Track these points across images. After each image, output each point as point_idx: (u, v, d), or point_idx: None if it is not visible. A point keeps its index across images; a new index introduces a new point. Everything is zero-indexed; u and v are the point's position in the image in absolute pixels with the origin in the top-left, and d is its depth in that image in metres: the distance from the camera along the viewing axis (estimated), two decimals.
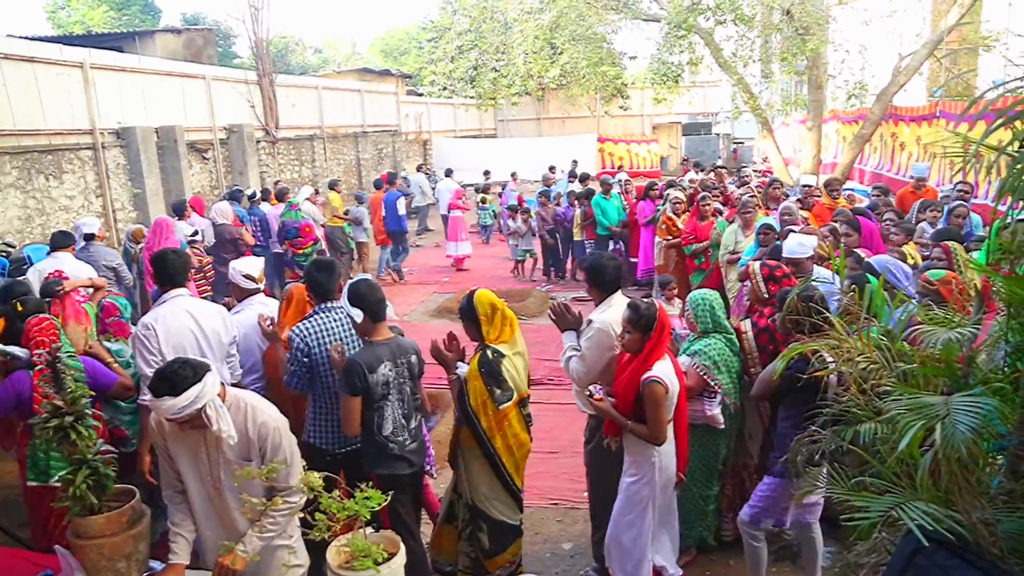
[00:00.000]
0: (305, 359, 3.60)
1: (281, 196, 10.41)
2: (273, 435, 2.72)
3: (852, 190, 12.57)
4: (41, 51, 10.07)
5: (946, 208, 6.42)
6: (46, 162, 9.87)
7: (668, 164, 27.78)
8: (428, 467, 4.07)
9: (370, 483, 2.59)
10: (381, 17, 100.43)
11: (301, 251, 9.23)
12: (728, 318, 4.07)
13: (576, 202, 11.01)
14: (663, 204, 9.13)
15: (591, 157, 25.75)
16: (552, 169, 16.82)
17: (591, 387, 3.54)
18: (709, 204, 7.96)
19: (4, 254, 7.02)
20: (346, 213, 11.68)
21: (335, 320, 3.73)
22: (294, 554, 2.86)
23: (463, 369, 3.60)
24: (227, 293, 7.56)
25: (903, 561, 1.83)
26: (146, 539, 2.65)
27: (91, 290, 5.03)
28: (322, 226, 10.35)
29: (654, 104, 22.10)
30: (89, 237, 6.63)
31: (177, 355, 3.41)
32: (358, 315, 3.45)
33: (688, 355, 3.89)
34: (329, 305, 3.77)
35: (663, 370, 3.32)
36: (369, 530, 2.51)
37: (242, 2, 15.76)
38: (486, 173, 17.13)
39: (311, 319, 3.72)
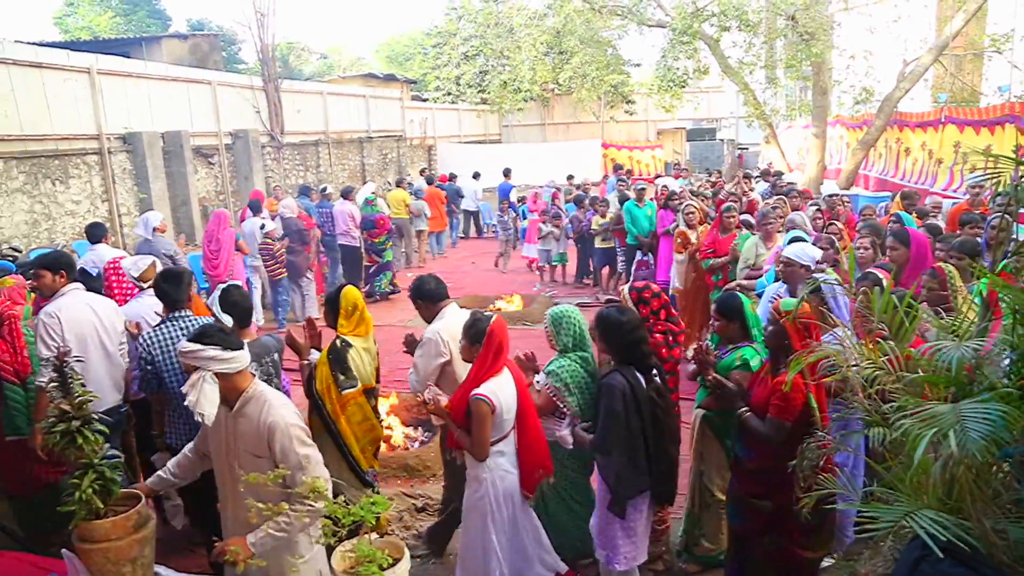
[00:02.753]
0: (149, 367, 3.79)
1: (345, 194, 11.65)
2: (280, 437, 2.72)
3: (856, 195, 12.57)
4: (48, 57, 10.13)
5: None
6: (53, 167, 9.92)
7: (671, 170, 27.78)
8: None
9: None
10: (386, 23, 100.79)
11: (377, 239, 11.08)
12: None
13: (594, 208, 11.04)
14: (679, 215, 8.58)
15: (596, 163, 25.76)
16: (570, 178, 16.95)
17: (426, 392, 3.54)
18: (734, 215, 7.26)
19: (11, 258, 7.06)
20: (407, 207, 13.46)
21: (182, 328, 3.88)
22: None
23: (315, 356, 3.87)
24: (297, 277, 9.57)
25: (908, 569, 1.82)
26: (151, 543, 2.65)
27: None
28: (389, 217, 12.03)
29: (659, 110, 22.14)
30: (153, 231, 7.52)
31: (79, 342, 3.93)
32: (227, 320, 3.70)
33: (544, 373, 3.86)
34: (177, 314, 3.95)
35: (493, 387, 3.29)
36: (374, 535, 2.51)
37: (248, 8, 15.82)
38: (507, 173, 17.13)
39: (157, 328, 3.91)
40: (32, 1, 62.89)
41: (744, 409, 3.27)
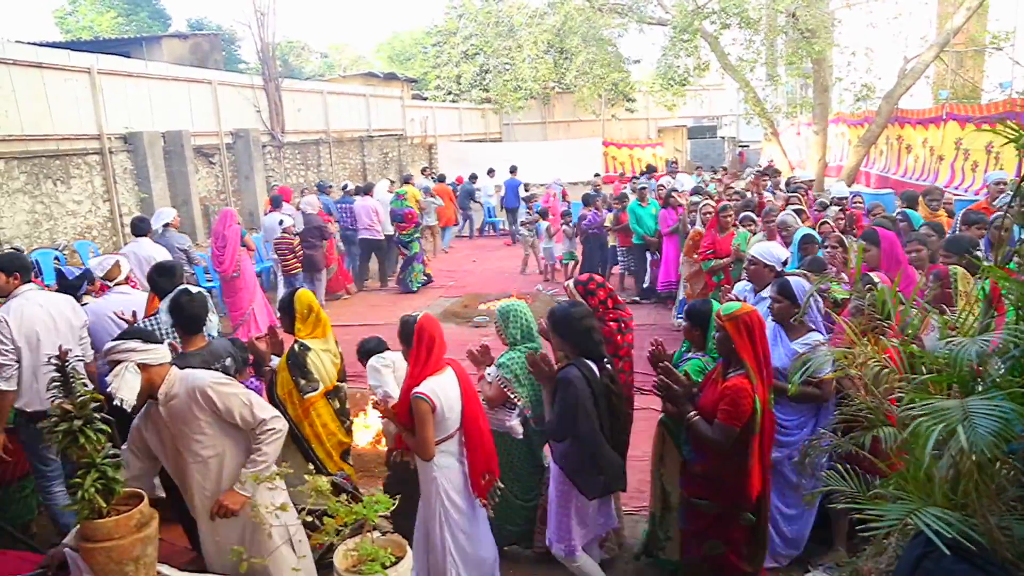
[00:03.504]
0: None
1: (367, 191, 12.28)
2: (211, 393, 2.91)
3: (859, 192, 12.54)
4: (49, 57, 10.13)
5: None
6: (54, 167, 9.92)
7: (671, 167, 27.73)
8: None
9: None
10: (387, 22, 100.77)
11: (405, 232, 11.51)
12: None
13: (608, 206, 11.01)
14: (688, 214, 8.53)
15: (596, 161, 25.73)
16: (597, 175, 16.99)
17: (378, 391, 3.64)
18: (730, 214, 7.30)
19: None
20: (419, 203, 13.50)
21: (160, 321, 4.09)
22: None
23: (275, 362, 3.92)
24: (315, 271, 10.00)
25: (911, 565, 1.82)
26: (154, 542, 2.65)
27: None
28: (416, 212, 12.36)
29: (659, 108, 22.13)
30: (166, 225, 7.88)
31: (29, 342, 4.06)
32: (167, 320, 3.90)
33: (496, 366, 3.91)
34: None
35: (433, 386, 3.30)
36: (376, 534, 2.51)
37: (248, 7, 15.79)
38: (513, 170, 17.18)
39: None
40: (34, 1, 62.97)
41: (693, 413, 3.27)
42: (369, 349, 4.19)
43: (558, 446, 3.50)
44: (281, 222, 9.70)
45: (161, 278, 4.33)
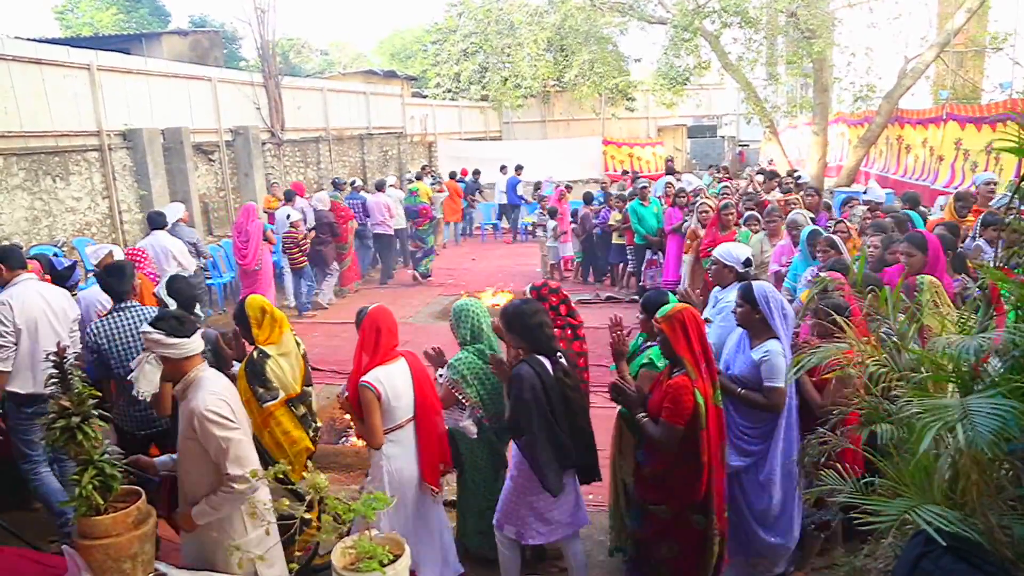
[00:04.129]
0: (95, 355, 4.16)
1: (379, 187, 12.81)
2: (199, 420, 2.82)
3: (857, 193, 12.53)
4: (48, 53, 10.10)
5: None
6: (53, 164, 9.90)
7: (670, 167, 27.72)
8: None
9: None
10: (386, 20, 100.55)
11: (421, 227, 12.10)
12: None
13: (612, 206, 11.00)
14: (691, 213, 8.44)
15: (596, 160, 25.72)
16: (625, 173, 16.99)
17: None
18: (732, 213, 7.26)
19: None
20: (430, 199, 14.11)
21: (127, 319, 4.24)
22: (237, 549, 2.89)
23: (235, 368, 3.92)
24: (323, 265, 10.36)
25: (909, 565, 1.82)
26: (152, 540, 2.66)
27: None
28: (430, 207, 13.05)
29: (659, 107, 22.12)
30: (176, 221, 8.39)
31: (28, 327, 4.19)
32: (172, 304, 4.13)
33: (447, 367, 3.95)
34: (123, 305, 4.30)
35: (379, 375, 3.37)
36: (375, 532, 2.51)
37: (248, 5, 15.76)
38: (519, 168, 17.25)
39: (104, 318, 4.25)
40: None
41: (642, 415, 3.29)
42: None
43: (518, 442, 3.54)
44: (288, 216, 9.90)
45: (111, 278, 4.43)
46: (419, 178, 15.14)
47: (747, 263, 4.59)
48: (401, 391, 3.44)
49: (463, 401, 3.84)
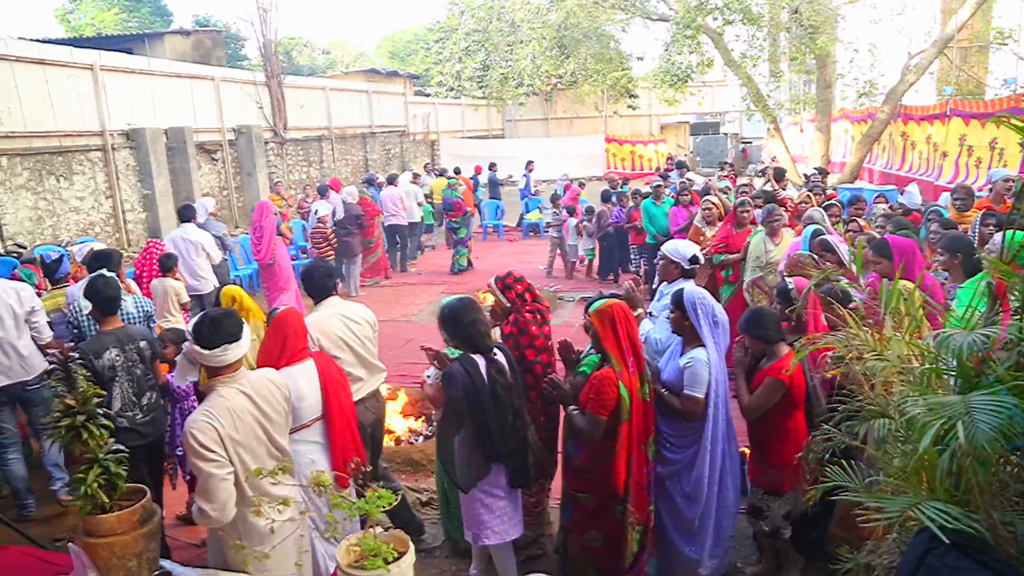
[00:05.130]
0: (76, 330, 4.57)
1: (391, 181, 13.32)
2: (185, 438, 2.80)
3: (861, 189, 12.52)
4: (52, 53, 10.13)
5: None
6: (56, 163, 9.93)
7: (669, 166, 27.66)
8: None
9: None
10: (388, 18, 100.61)
11: (455, 219, 12.64)
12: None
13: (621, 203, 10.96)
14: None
15: (599, 158, 25.69)
16: (674, 166, 16.91)
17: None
18: (748, 211, 7.01)
19: (16, 255, 7.08)
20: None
21: (73, 313, 4.71)
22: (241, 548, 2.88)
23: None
24: (350, 256, 10.97)
25: (914, 562, 1.81)
26: (157, 538, 2.66)
27: None
28: (430, 202, 14.11)
29: (662, 104, 22.08)
30: (208, 215, 9.02)
31: None
32: (87, 306, 4.17)
33: (433, 367, 3.99)
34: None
35: (291, 373, 3.39)
36: (379, 529, 2.51)
37: (251, 4, 15.77)
38: (529, 165, 17.28)
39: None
40: None
41: (572, 407, 3.39)
42: None
43: (454, 438, 3.56)
44: (316, 212, 10.51)
45: (96, 263, 4.85)
46: (440, 174, 15.47)
47: (693, 260, 4.58)
48: (304, 392, 3.43)
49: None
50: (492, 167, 17.56)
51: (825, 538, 3.56)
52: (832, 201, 7.53)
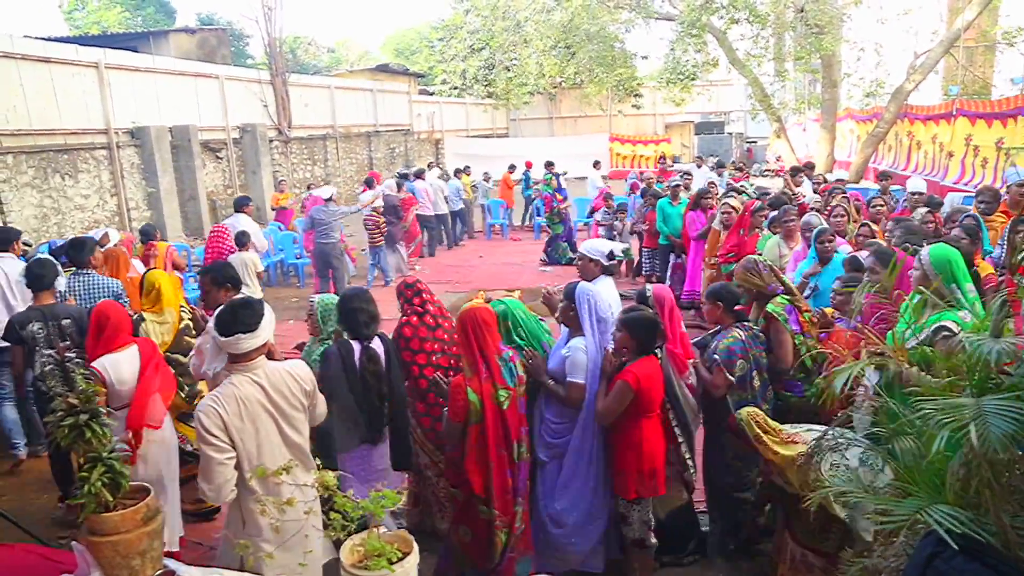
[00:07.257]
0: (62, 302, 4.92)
1: (419, 175, 13.85)
2: (196, 416, 2.87)
3: (866, 189, 12.47)
4: (57, 52, 10.15)
5: None
6: (62, 161, 9.95)
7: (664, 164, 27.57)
8: None
9: None
10: (393, 17, 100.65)
11: (547, 215, 13.16)
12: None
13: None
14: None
15: (603, 157, 25.67)
16: (715, 161, 16.86)
17: None
18: (765, 215, 6.77)
19: (21, 252, 7.09)
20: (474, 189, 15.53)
21: (82, 282, 5.18)
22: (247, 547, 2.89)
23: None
24: (394, 243, 11.50)
25: (921, 565, 1.80)
26: (160, 536, 2.65)
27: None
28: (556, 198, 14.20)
29: (667, 104, 22.05)
30: (328, 199, 9.75)
31: None
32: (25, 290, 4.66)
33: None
34: (82, 272, 5.21)
35: (105, 363, 3.69)
36: (383, 529, 2.50)
37: (256, 2, 15.84)
38: (547, 164, 17.18)
39: (69, 278, 5.07)
40: None
41: (446, 409, 3.46)
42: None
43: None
44: (364, 202, 11.21)
45: (72, 250, 5.32)
46: (466, 172, 15.76)
47: (610, 256, 4.61)
48: (126, 376, 3.75)
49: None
50: (548, 165, 17.28)
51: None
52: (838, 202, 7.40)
